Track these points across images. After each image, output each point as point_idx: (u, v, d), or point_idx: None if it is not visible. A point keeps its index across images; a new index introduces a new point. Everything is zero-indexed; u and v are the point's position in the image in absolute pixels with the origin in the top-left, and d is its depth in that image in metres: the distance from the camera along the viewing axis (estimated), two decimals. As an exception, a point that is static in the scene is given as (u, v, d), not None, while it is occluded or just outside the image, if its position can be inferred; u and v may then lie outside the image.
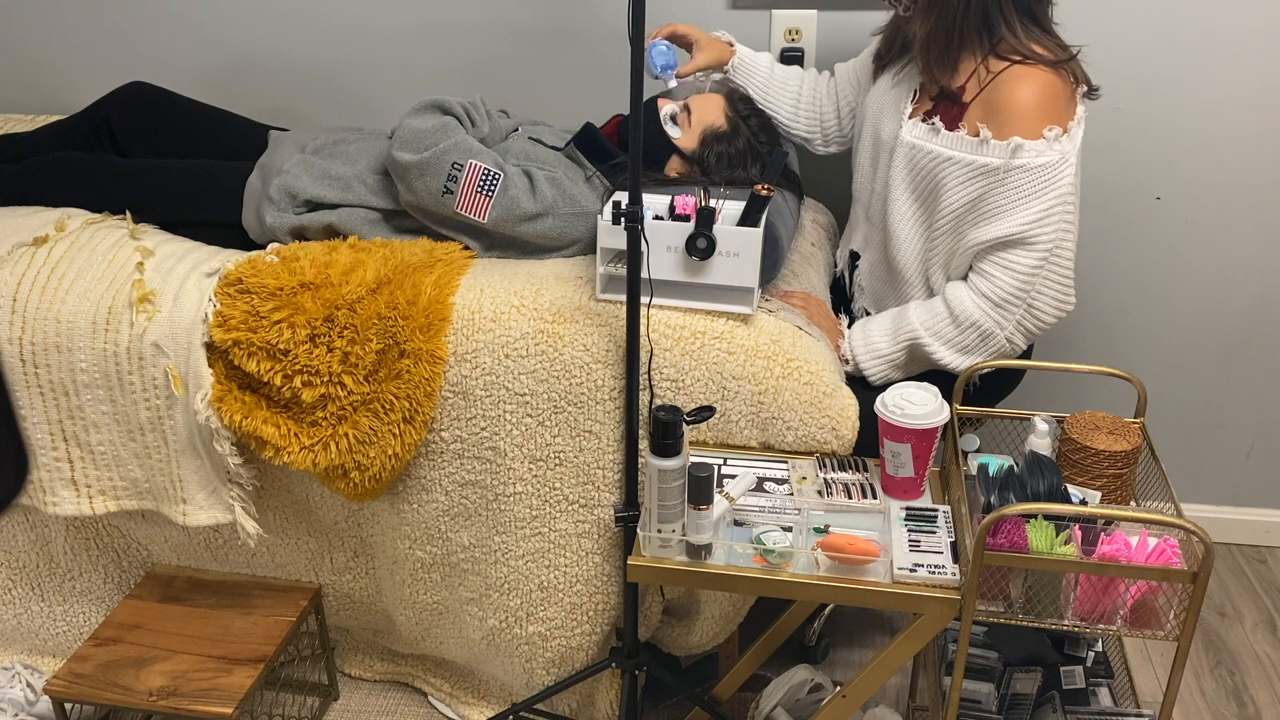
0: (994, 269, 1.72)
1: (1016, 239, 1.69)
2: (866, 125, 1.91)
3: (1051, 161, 1.66)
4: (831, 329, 1.84)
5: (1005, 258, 1.71)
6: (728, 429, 1.70)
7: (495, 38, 2.34)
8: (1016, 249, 1.70)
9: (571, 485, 1.75)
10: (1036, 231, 1.68)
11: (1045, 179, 1.67)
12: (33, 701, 2.02)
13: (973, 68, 1.71)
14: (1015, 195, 1.68)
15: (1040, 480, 1.43)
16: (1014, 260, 1.70)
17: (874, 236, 1.92)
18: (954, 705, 1.44)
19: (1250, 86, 2.16)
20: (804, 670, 1.91)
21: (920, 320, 1.78)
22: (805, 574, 1.44)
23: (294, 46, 2.41)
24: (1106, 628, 1.37)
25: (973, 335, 1.75)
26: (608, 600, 1.82)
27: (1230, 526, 2.54)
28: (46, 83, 2.52)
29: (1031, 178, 1.67)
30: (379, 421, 1.73)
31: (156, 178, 2.02)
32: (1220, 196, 2.25)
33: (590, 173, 1.88)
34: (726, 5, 2.24)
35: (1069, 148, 1.67)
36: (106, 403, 1.80)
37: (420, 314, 1.71)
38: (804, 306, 1.81)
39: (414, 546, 1.86)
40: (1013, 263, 1.71)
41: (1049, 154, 1.66)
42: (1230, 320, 2.35)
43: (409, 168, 1.78)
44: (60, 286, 1.79)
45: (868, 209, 1.94)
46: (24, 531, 2.00)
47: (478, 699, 2.05)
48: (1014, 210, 1.68)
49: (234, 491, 1.84)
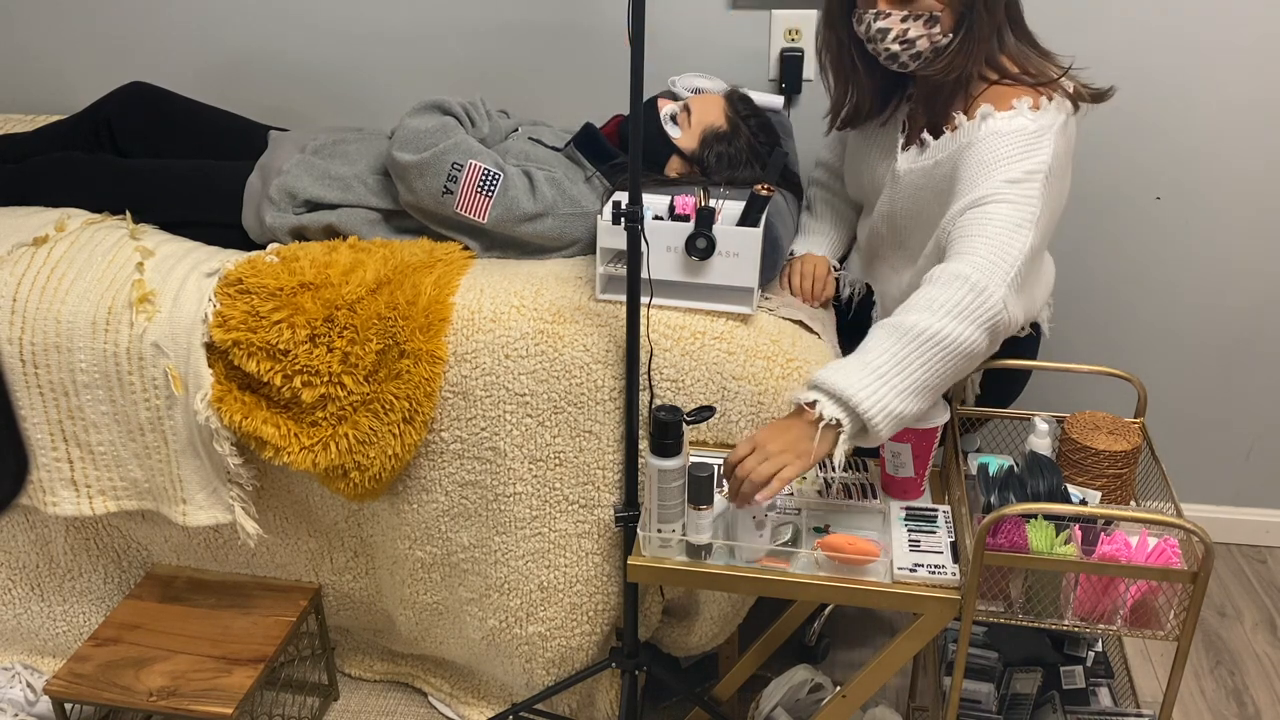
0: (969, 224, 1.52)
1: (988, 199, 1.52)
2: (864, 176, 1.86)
3: (1025, 127, 1.55)
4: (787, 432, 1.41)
5: (981, 212, 1.52)
6: (728, 429, 1.70)
7: (495, 38, 2.34)
8: (989, 205, 1.52)
9: (571, 485, 1.75)
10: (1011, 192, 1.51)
11: (1020, 145, 1.54)
12: (33, 701, 2.02)
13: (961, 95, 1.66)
14: (987, 161, 1.55)
15: (1040, 480, 1.43)
16: (990, 213, 1.51)
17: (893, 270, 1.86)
18: (954, 705, 1.44)
19: (1251, 87, 2.16)
20: (804, 670, 1.91)
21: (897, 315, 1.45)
22: (805, 574, 1.43)
23: (294, 46, 2.41)
24: (1106, 628, 1.37)
25: (962, 289, 1.43)
26: (608, 600, 1.82)
27: (1230, 526, 2.54)
28: (46, 83, 2.52)
29: (1005, 143, 1.55)
30: (379, 422, 1.73)
31: (156, 178, 2.02)
32: (1220, 196, 2.25)
33: (590, 173, 1.88)
34: (726, 6, 2.24)
35: (1045, 122, 1.56)
36: (106, 403, 1.80)
37: (420, 314, 1.71)
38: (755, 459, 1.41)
39: (414, 546, 1.86)
40: (990, 215, 1.51)
41: (1020, 120, 1.56)
42: (1230, 320, 2.35)
43: (409, 168, 1.78)
44: (60, 286, 1.79)
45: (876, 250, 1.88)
46: (24, 531, 2.00)
47: (478, 699, 2.05)
48: (984, 177, 1.54)
49: (234, 491, 1.84)
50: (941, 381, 1.43)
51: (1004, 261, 1.47)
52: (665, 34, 2.24)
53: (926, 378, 1.40)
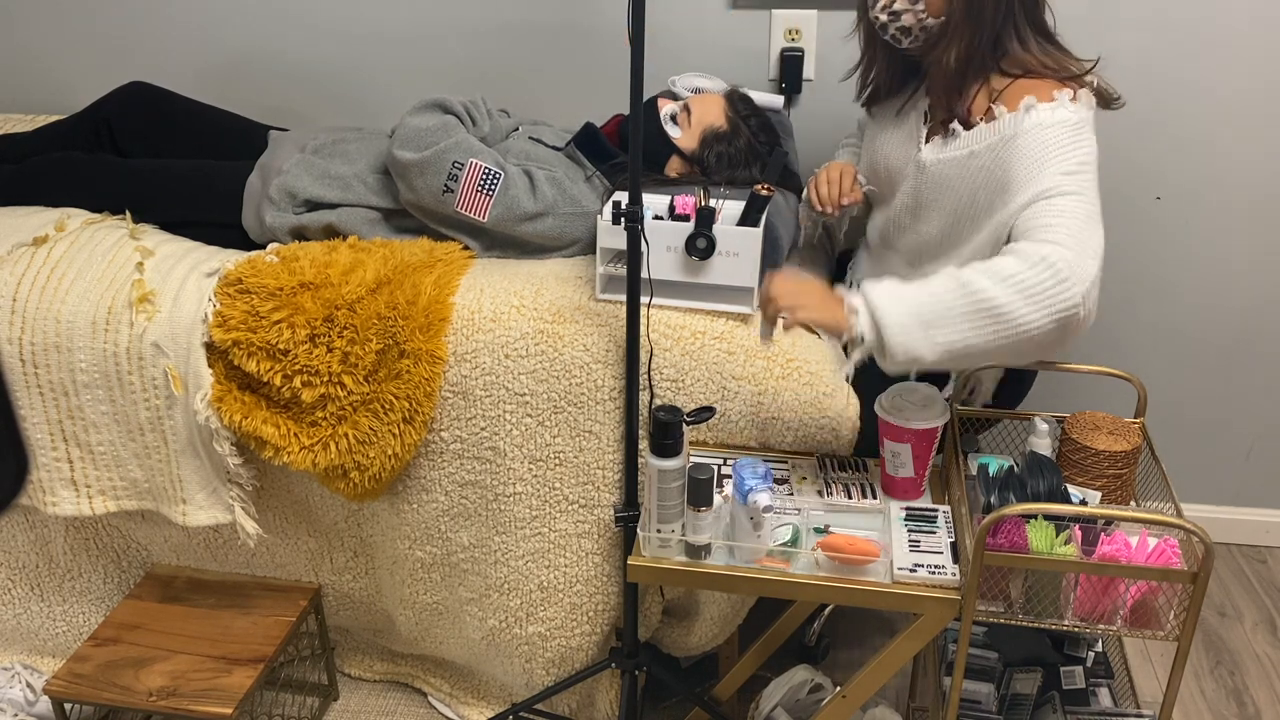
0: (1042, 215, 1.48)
1: (1053, 191, 1.50)
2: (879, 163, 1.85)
3: (1068, 119, 1.55)
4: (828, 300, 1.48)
5: (1051, 206, 1.48)
6: (728, 429, 1.70)
7: (495, 38, 2.34)
8: (1057, 198, 1.49)
9: (571, 485, 1.75)
10: (1072, 184, 1.50)
11: (1068, 136, 1.54)
12: (32, 702, 2.02)
13: (978, 88, 1.66)
14: (1040, 154, 1.54)
15: (1040, 480, 1.43)
16: (1062, 206, 1.48)
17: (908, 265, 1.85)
18: (954, 705, 1.44)
19: (1251, 87, 2.16)
20: (804, 670, 1.91)
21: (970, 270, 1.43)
22: (805, 574, 1.44)
23: (294, 46, 2.41)
24: (1106, 628, 1.36)
25: (1045, 273, 1.40)
26: (608, 600, 1.81)
27: (1230, 526, 2.54)
28: (46, 83, 2.52)
29: (1054, 134, 1.54)
30: (379, 421, 1.73)
31: (156, 178, 2.02)
32: (1220, 196, 2.25)
33: (590, 172, 1.88)
34: (726, 6, 2.24)
35: (1084, 115, 1.56)
36: (106, 403, 1.80)
37: (420, 314, 1.71)
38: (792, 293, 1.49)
39: (414, 546, 1.86)
40: (1062, 208, 1.47)
41: (1063, 111, 1.57)
42: (1230, 320, 2.35)
43: (409, 166, 1.78)
44: (60, 286, 1.79)
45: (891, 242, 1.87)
46: (24, 531, 2.00)
47: (478, 699, 2.05)
48: (1041, 169, 1.52)
49: (234, 491, 1.84)
50: (988, 353, 1.43)
51: (1088, 257, 1.44)
52: (665, 34, 2.24)
53: (970, 342, 1.41)
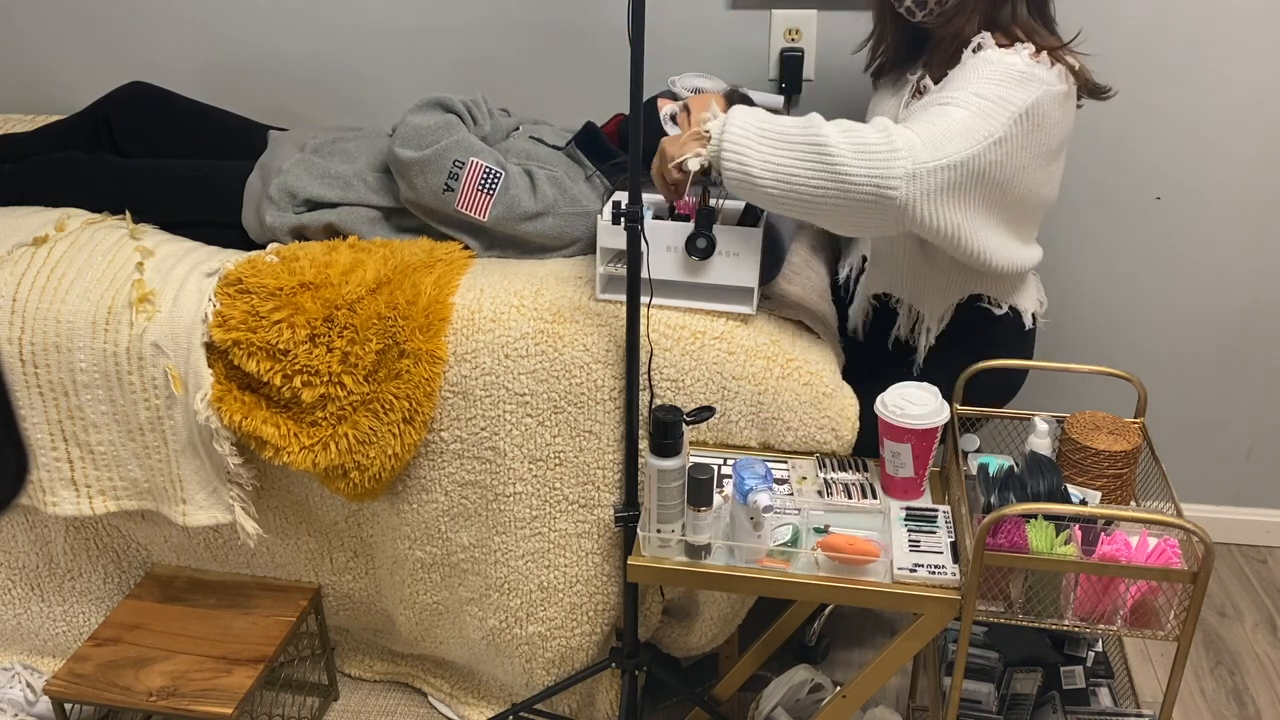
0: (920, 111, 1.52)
1: (951, 101, 1.50)
2: None
3: (1016, 64, 1.53)
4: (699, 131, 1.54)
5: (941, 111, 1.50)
6: (728, 429, 1.70)
7: (496, 37, 2.34)
8: (951, 107, 1.49)
9: (571, 485, 1.75)
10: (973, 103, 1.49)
11: (1004, 76, 1.52)
12: (32, 702, 2.02)
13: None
14: (967, 76, 1.54)
15: (1040, 480, 1.43)
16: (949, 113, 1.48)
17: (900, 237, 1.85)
18: (954, 705, 1.44)
19: (1251, 87, 2.16)
20: (804, 670, 1.91)
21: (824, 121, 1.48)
22: (805, 574, 1.44)
23: (294, 46, 2.41)
24: (1106, 628, 1.36)
25: (880, 139, 1.43)
26: (608, 600, 1.82)
27: (1230, 526, 2.54)
28: (46, 83, 2.52)
29: (992, 69, 1.53)
30: (379, 421, 1.73)
31: (156, 178, 2.02)
32: (1220, 196, 2.25)
33: (591, 172, 1.88)
34: (726, 5, 2.24)
35: (1039, 73, 1.54)
36: (106, 403, 1.80)
37: (420, 314, 1.71)
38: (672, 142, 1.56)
39: (414, 546, 1.86)
40: (944, 114, 1.48)
41: (1014, 58, 1.55)
42: (1230, 320, 2.35)
43: (410, 164, 1.78)
44: (60, 286, 1.79)
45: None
46: (24, 531, 2.00)
47: (478, 699, 2.05)
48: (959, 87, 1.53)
49: (234, 491, 1.84)
50: (811, 195, 1.45)
51: (934, 154, 1.42)
52: (665, 34, 2.24)
53: (794, 172, 1.44)
